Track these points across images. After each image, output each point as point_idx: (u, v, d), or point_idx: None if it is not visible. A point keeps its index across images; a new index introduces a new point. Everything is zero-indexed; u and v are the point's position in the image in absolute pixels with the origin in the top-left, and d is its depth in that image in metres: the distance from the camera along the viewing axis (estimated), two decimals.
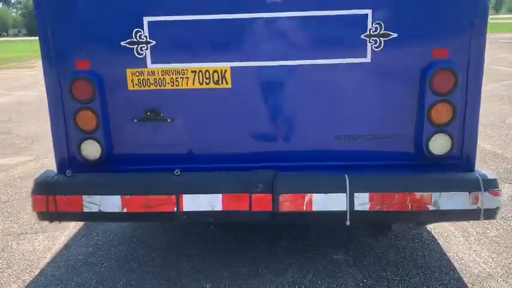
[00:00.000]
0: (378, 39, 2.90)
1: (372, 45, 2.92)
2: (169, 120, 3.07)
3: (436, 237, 3.96)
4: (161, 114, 3.07)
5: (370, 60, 2.94)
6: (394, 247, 3.78)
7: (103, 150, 3.07)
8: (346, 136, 3.07)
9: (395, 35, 2.89)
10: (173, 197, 2.90)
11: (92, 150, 3.07)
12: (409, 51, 2.94)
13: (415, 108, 2.99)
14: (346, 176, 2.88)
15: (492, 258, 3.62)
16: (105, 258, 3.76)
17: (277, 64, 2.98)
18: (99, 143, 3.06)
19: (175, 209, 2.90)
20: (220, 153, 3.14)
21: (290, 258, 3.64)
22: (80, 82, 2.98)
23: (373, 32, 2.89)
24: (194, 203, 2.90)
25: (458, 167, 3.06)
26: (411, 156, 3.08)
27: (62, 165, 3.17)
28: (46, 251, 3.94)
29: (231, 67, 2.97)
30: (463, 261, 3.58)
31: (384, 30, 2.89)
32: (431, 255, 3.65)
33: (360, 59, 2.95)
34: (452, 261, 3.57)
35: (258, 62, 2.98)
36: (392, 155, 3.10)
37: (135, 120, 3.08)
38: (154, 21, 2.93)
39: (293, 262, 3.58)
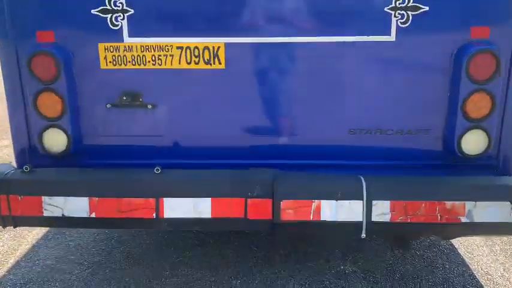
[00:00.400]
0: (405, 13, 2.38)
1: (397, 21, 2.40)
2: (149, 106, 2.54)
3: (456, 245, 3.48)
4: (140, 99, 2.54)
5: (394, 39, 2.42)
6: (409, 257, 3.30)
7: (69, 141, 2.54)
8: (363, 130, 2.56)
9: (426, 8, 2.37)
10: (152, 200, 2.38)
11: (56, 140, 2.54)
12: (442, 29, 2.42)
13: (446, 98, 2.48)
14: (362, 179, 2.37)
15: None
16: (77, 264, 3.25)
17: (282, 41, 2.45)
18: (64, 132, 2.53)
19: (154, 214, 2.39)
20: (210, 148, 2.63)
21: (290, 268, 3.14)
22: (41, 57, 2.43)
23: (399, 4, 2.37)
24: (177, 208, 2.38)
25: (493, 169, 2.57)
26: (439, 155, 2.59)
27: (21, 159, 2.65)
28: (10, 253, 3.43)
29: (226, 43, 2.44)
30: (489, 276, 3.10)
31: (413, 2, 2.37)
32: (452, 268, 3.17)
33: (382, 36, 2.43)
34: (477, 276, 3.10)
35: (258, 37, 2.44)
36: (417, 153, 2.60)
37: (108, 106, 2.56)
38: None
39: (293, 274, 3.08)
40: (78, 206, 2.40)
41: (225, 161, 2.60)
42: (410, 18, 2.39)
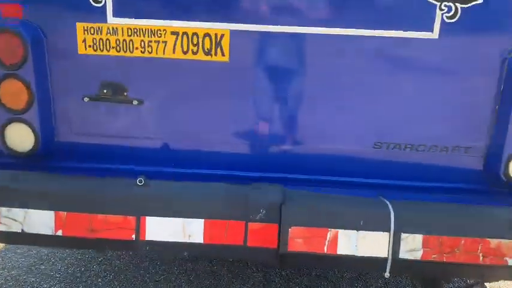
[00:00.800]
0: (452, 5, 1.94)
1: (443, 14, 1.96)
2: (135, 102, 2.11)
3: None
4: (124, 93, 2.11)
5: (437, 37, 1.98)
6: None
7: (37, 138, 2.10)
8: (390, 144, 2.14)
9: (480, 0, 1.93)
10: (132, 218, 1.95)
11: (20, 137, 2.11)
12: (497, 27, 1.99)
13: (494, 111, 2.05)
14: (389, 205, 1.94)
15: None
16: (47, 277, 2.83)
17: (298, 31, 2.00)
18: (31, 128, 2.09)
19: (133, 236, 1.96)
20: (205, 155, 2.19)
21: None
22: (4, 36, 1.99)
23: None
24: (162, 229, 1.95)
25: None
26: (479, 178, 2.16)
27: None
28: None
29: (231, 31, 2.00)
30: None
31: None
32: None
33: (422, 33, 1.98)
34: None
35: (272, 26, 2.00)
36: (452, 175, 2.18)
37: (86, 99, 2.12)
38: None
39: None
40: (41, 221, 1.97)
41: (223, 172, 2.20)
42: (459, 11, 1.95)
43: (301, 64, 2.08)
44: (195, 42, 2.02)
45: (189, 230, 1.95)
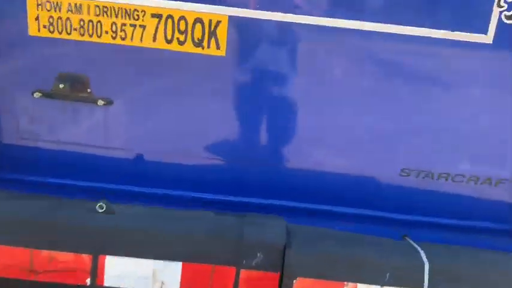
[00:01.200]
0: None
1: (501, 12, 1.57)
2: (101, 102, 1.70)
3: None
4: (87, 89, 1.70)
5: (491, 41, 1.59)
6: None
7: None
8: (421, 172, 1.76)
9: None
10: (87, 257, 1.49)
11: None
12: None
13: None
14: (422, 253, 1.52)
15: None
16: None
17: (318, 24, 1.59)
18: None
19: (88, 280, 1.50)
20: (188, 173, 1.81)
21: None
22: None
23: None
24: (127, 273, 1.50)
25: None
26: None
27: None
28: None
29: (230, 17, 1.58)
30: None
31: None
32: None
33: (473, 34, 1.60)
34: None
35: (282, 14, 1.58)
36: (495, 213, 1.83)
37: (37, 95, 1.71)
38: None
39: None
40: None
41: (208, 196, 1.85)
42: None
43: (317, 66, 1.68)
44: (182, 29, 1.61)
45: (162, 276, 1.50)
